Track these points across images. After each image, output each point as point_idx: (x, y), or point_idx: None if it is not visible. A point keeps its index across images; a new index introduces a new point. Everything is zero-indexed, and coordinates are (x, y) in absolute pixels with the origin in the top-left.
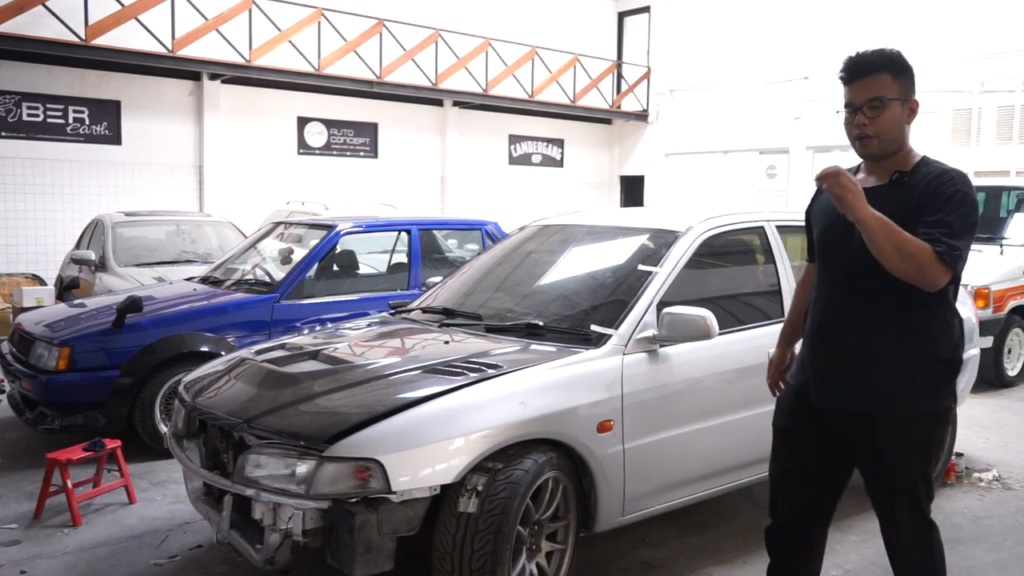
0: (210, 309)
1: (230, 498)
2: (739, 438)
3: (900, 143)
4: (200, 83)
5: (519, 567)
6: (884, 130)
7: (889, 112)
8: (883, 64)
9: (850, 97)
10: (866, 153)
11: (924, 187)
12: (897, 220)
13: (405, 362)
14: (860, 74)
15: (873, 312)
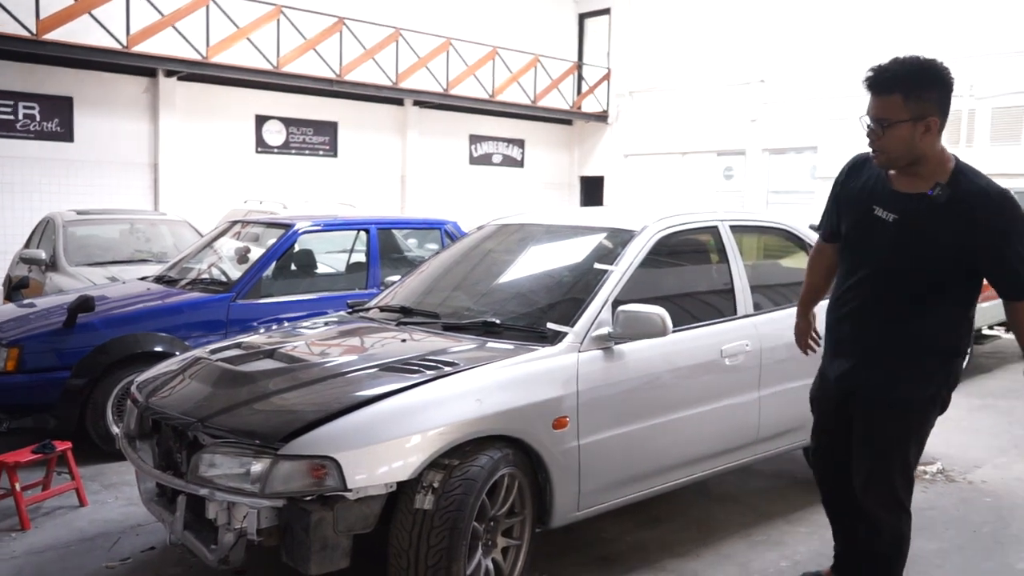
0: (164, 309)
1: (183, 498)
2: (692, 433)
3: (912, 157)
4: (156, 80)
5: (475, 563)
6: (889, 147)
7: (895, 132)
8: (898, 85)
9: (869, 109)
10: (879, 164)
11: (968, 209)
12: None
13: (361, 360)
14: (877, 91)
15: (892, 311)
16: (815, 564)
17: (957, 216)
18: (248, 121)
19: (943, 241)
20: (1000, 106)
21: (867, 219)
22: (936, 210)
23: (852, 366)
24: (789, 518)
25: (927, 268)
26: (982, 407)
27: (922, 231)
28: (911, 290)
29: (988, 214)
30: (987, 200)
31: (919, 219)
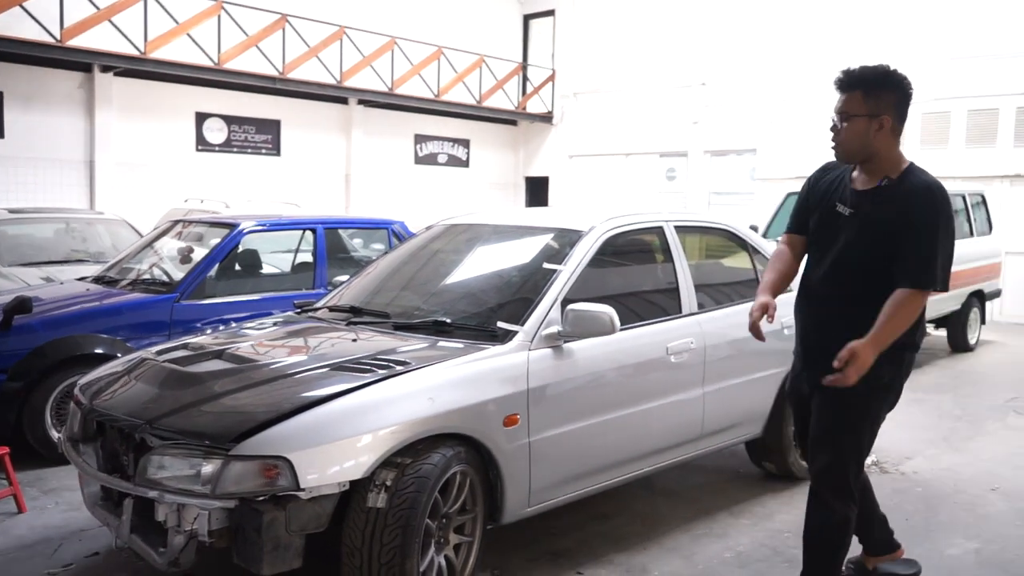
0: (105, 310)
1: (131, 501)
2: (639, 430)
3: (866, 153)
4: (91, 75)
5: (428, 560)
6: (846, 140)
7: (853, 126)
8: (859, 84)
9: (836, 105)
10: (835, 156)
11: (904, 200)
12: (877, 220)
13: (312, 360)
14: (840, 88)
15: (844, 303)
16: (759, 555)
17: (895, 205)
18: (188, 118)
19: (884, 229)
20: (931, 111)
21: (830, 215)
22: (881, 201)
23: (816, 356)
24: (731, 511)
25: (876, 258)
26: (913, 401)
27: (870, 222)
28: (865, 281)
29: (919, 203)
30: (922, 192)
31: (868, 211)
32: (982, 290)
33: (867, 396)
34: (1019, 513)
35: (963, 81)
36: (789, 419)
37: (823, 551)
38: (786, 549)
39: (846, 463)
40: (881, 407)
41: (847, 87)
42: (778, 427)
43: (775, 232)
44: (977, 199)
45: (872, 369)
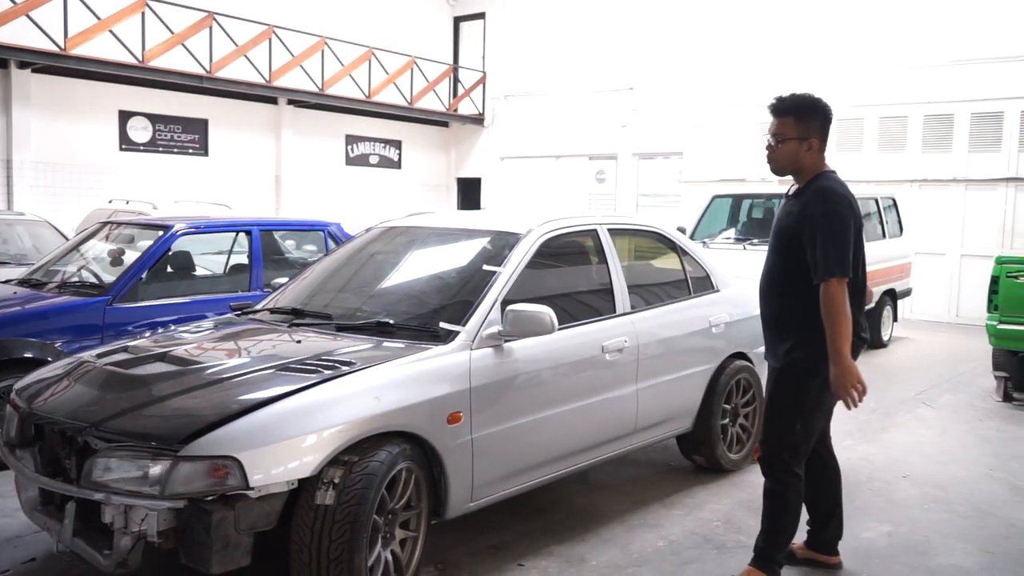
0: (34, 313)
1: (73, 504)
2: (577, 425)
3: (796, 168)
4: (7, 71)
5: (375, 555)
6: (780, 158)
7: (786, 147)
8: (792, 110)
9: (770, 128)
10: (771, 170)
11: (802, 203)
12: (785, 222)
13: (257, 361)
14: (775, 113)
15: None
16: (691, 543)
17: (796, 208)
18: (111, 117)
19: (788, 231)
20: (844, 118)
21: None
22: (791, 208)
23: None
24: (664, 502)
25: (786, 256)
26: None
27: (779, 224)
28: (784, 278)
29: (810, 202)
30: (813, 192)
31: (783, 217)
32: (894, 289)
33: (792, 374)
34: (927, 498)
35: (875, 90)
36: (717, 414)
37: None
38: (715, 536)
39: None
40: (808, 387)
41: (781, 112)
42: (707, 421)
43: (701, 234)
44: (889, 202)
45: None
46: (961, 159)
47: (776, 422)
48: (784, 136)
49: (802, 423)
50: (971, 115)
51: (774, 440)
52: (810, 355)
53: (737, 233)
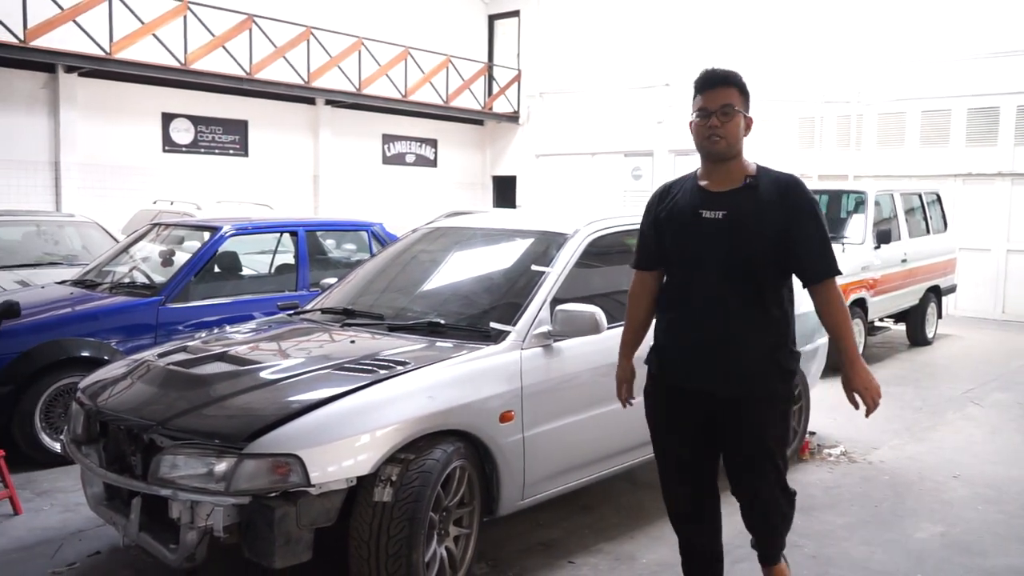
0: (91, 313)
1: (139, 500)
2: (625, 424)
3: (738, 149)
4: (55, 76)
5: (431, 551)
6: (731, 134)
7: (736, 120)
8: (733, 81)
9: (704, 103)
10: (714, 151)
11: (777, 194)
12: (755, 216)
13: (314, 361)
14: (715, 84)
15: (741, 304)
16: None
17: (771, 202)
18: (155, 119)
19: (767, 230)
20: (885, 112)
21: (695, 223)
22: (755, 199)
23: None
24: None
25: (763, 256)
26: None
27: (750, 219)
28: (756, 282)
29: (795, 195)
30: (791, 184)
31: (745, 209)
32: (939, 285)
33: (789, 403)
34: (979, 498)
35: (917, 83)
36: None
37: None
38: None
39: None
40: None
41: (724, 82)
42: None
43: None
44: (932, 197)
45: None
46: (1007, 153)
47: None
48: (734, 106)
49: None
50: (1017, 108)
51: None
52: (787, 372)
53: None
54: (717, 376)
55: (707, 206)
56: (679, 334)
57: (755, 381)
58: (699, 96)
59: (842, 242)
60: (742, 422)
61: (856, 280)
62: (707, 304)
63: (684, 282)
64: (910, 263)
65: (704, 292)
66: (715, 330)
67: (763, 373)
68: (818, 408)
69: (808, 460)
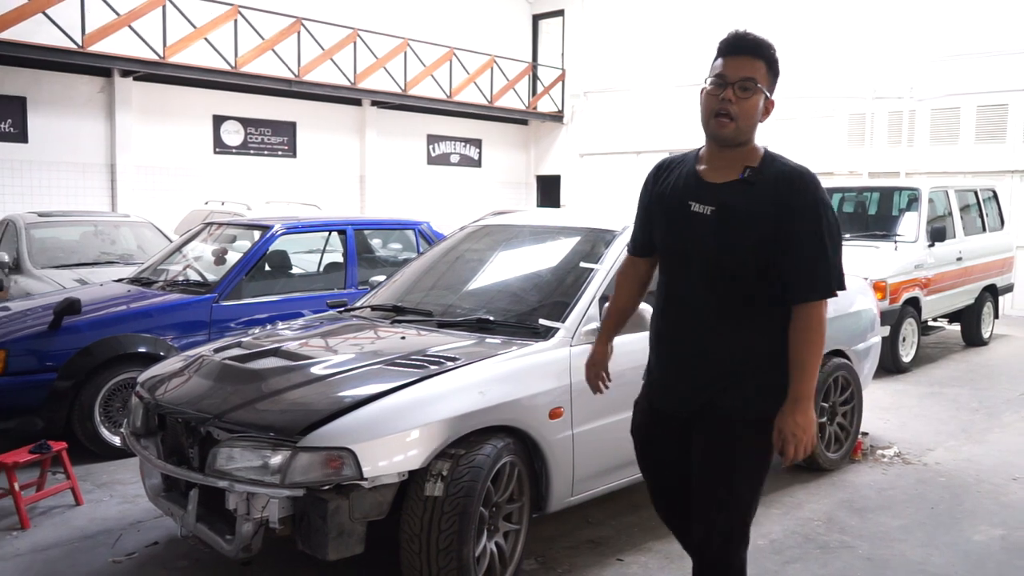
0: (147, 310)
1: (197, 491)
2: None
3: (750, 136)
4: (111, 80)
5: (481, 546)
6: (745, 115)
7: (755, 99)
8: (764, 53)
9: (725, 69)
10: (720, 135)
11: (775, 190)
12: (745, 216)
13: (365, 357)
14: (742, 51)
15: (724, 317)
16: (792, 542)
17: (769, 198)
18: (206, 121)
19: (760, 227)
20: (938, 107)
21: (684, 217)
22: (750, 194)
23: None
24: (761, 501)
25: (751, 261)
26: (930, 394)
27: (740, 219)
28: (742, 289)
29: (794, 192)
30: (796, 179)
31: (736, 207)
32: (995, 284)
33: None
34: None
35: (972, 78)
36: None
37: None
38: (817, 536)
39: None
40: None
41: (754, 51)
42: None
43: None
44: (988, 194)
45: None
46: None
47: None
48: (757, 82)
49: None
50: None
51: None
52: (774, 402)
53: None
54: (684, 395)
55: (698, 198)
56: (658, 346)
57: (721, 395)
58: (719, 60)
59: (895, 240)
60: (706, 448)
61: (909, 279)
62: (687, 312)
63: (670, 282)
64: (965, 261)
65: (687, 298)
66: (689, 343)
67: (734, 392)
68: (870, 409)
69: (861, 461)
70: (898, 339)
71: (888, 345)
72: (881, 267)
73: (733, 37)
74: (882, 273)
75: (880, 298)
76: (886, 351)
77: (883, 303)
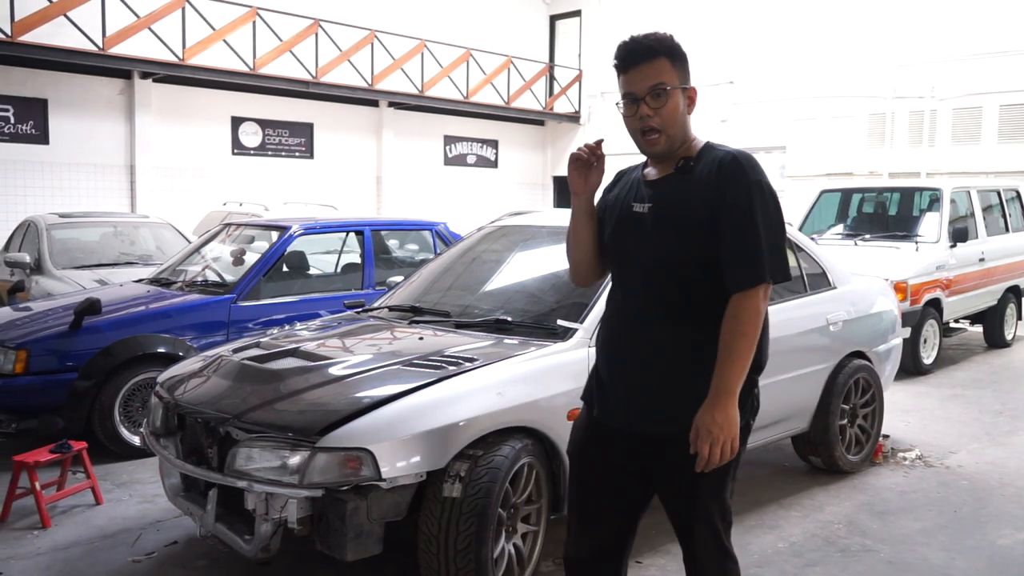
0: (167, 311)
1: (215, 491)
2: None
3: (685, 135)
4: (131, 82)
5: (499, 547)
6: (669, 122)
7: (672, 102)
8: (661, 49)
9: (630, 87)
10: (654, 152)
11: (711, 176)
12: (679, 208)
13: (383, 357)
14: (639, 60)
15: (668, 321)
16: (812, 545)
17: (704, 185)
18: (224, 123)
19: (696, 216)
20: (960, 107)
21: (627, 219)
22: (685, 185)
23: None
24: (782, 503)
25: (687, 254)
26: (952, 397)
27: (675, 212)
28: (681, 287)
29: (728, 175)
30: (728, 162)
31: (670, 199)
32: (1018, 286)
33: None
34: None
35: (994, 77)
36: (836, 414)
37: None
38: (838, 539)
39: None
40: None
41: (649, 54)
42: (824, 421)
43: (809, 229)
44: (1012, 194)
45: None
46: None
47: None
48: (667, 84)
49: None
50: None
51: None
52: (749, 408)
53: (847, 228)
54: (632, 411)
55: (638, 198)
56: (602, 357)
57: (681, 418)
58: (620, 79)
59: (916, 241)
60: (666, 470)
61: (931, 280)
62: (630, 319)
63: (617, 289)
64: (988, 262)
65: (629, 304)
66: (634, 352)
67: (693, 407)
68: (891, 411)
69: (882, 464)
70: (919, 341)
71: (909, 347)
72: (902, 268)
73: (622, 50)
74: (903, 274)
75: (901, 299)
76: (907, 353)
77: (904, 304)
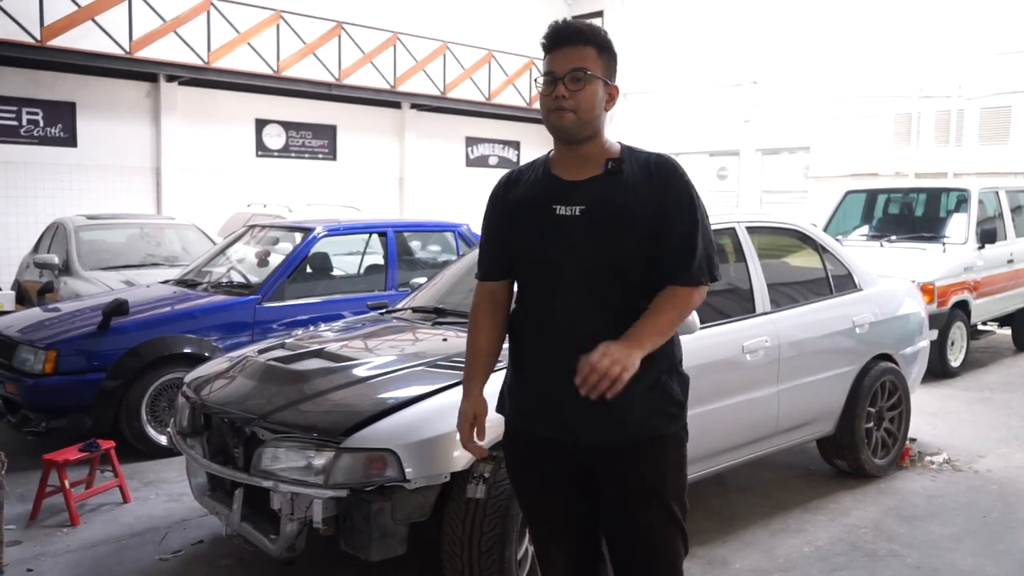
0: (193, 311)
1: (241, 491)
2: (717, 427)
3: (596, 128)
4: (157, 85)
5: (523, 548)
6: (584, 107)
7: (591, 89)
8: (591, 37)
9: (551, 66)
10: (560, 126)
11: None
12: (621, 208)
13: (408, 359)
14: (565, 42)
15: (611, 323)
16: (838, 549)
17: (642, 184)
18: (248, 125)
19: (637, 223)
20: (988, 106)
21: (549, 222)
22: (620, 186)
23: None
24: (807, 507)
25: (629, 258)
26: (980, 400)
27: (615, 212)
28: (624, 291)
29: (666, 175)
30: (662, 163)
31: (608, 200)
32: None
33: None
34: None
35: (1023, 75)
36: (862, 417)
37: None
38: (864, 544)
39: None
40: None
41: (575, 39)
42: (850, 424)
43: (833, 231)
44: None
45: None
46: None
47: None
48: (589, 70)
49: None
50: None
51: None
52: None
53: (872, 229)
54: (583, 420)
55: (562, 200)
56: (532, 370)
57: (634, 423)
58: (547, 57)
59: (943, 242)
60: (625, 479)
61: (958, 281)
62: (567, 327)
63: (537, 299)
64: (1017, 264)
65: (563, 311)
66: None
67: (645, 410)
68: (918, 414)
69: (909, 468)
70: (946, 343)
71: (936, 349)
72: (929, 269)
73: (552, 29)
74: (930, 276)
75: (928, 301)
76: (934, 355)
77: (931, 306)
